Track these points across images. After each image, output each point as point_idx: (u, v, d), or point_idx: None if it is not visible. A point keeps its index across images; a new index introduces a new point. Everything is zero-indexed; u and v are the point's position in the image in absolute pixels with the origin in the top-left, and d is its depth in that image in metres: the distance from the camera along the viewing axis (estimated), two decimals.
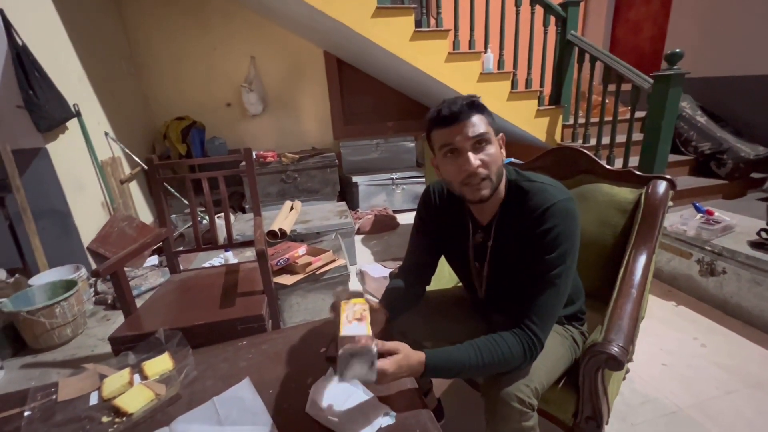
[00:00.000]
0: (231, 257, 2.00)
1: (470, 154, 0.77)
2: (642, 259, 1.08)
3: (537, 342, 0.76)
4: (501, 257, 0.88)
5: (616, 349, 0.84)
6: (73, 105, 2.23)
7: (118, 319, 2.08)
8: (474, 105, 0.79)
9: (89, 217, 2.32)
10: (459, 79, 2.64)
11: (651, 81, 2.19)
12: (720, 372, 1.41)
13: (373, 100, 3.95)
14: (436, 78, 2.60)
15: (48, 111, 1.99)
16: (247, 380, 0.82)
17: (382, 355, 0.69)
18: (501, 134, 0.83)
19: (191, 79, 3.48)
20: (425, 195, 1.01)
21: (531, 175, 0.86)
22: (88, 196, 2.37)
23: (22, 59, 1.90)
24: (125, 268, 2.35)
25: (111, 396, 0.79)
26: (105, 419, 0.75)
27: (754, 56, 2.87)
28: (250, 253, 2.12)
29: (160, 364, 0.88)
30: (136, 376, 0.85)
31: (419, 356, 0.72)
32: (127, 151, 2.76)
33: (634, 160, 2.35)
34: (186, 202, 2.47)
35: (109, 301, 2.17)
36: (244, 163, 1.57)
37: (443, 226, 0.98)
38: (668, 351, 1.52)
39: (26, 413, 0.77)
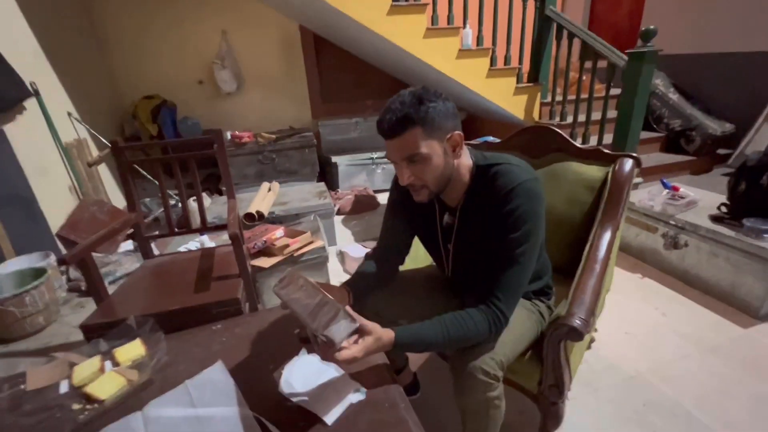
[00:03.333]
0: (207, 241, 1.97)
1: (403, 169, 0.80)
2: (606, 236, 1.11)
3: (502, 318, 0.79)
4: (466, 239, 0.90)
5: (578, 322, 0.88)
6: (30, 83, 2.10)
7: (92, 306, 2.04)
8: (409, 119, 0.74)
9: (56, 202, 2.23)
10: (438, 56, 2.60)
11: (626, 58, 2.21)
12: (677, 338, 1.50)
13: (351, 78, 3.86)
14: (414, 55, 2.55)
15: (1, 91, 1.87)
16: (220, 363, 0.82)
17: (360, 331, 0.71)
18: (455, 133, 0.80)
19: (159, 55, 3.31)
20: (396, 177, 1.01)
21: (497, 157, 0.87)
22: (54, 180, 2.27)
23: None
24: (98, 254, 2.30)
25: (81, 383, 0.79)
26: (76, 406, 0.75)
27: (727, 34, 2.92)
28: (226, 237, 2.09)
29: (132, 350, 0.88)
30: (108, 363, 0.85)
31: (389, 334, 0.74)
32: (94, 132, 2.63)
33: (609, 137, 2.40)
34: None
35: (83, 288, 2.12)
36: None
37: (414, 209, 0.99)
38: (631, 320, 1.61)
39: None
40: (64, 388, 0.80)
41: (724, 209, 1.72)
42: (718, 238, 1.63)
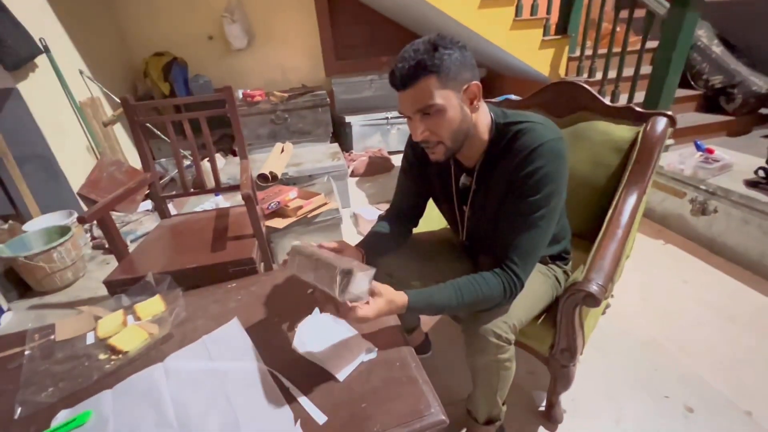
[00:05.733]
0: (222, 201, 1.99)
1: (417, 123, 0.74)
2: (631, 200, 1.06)
3: (517, 282, 0.77)
4: (484, 201, 0.86)
5: (595, 288, 0.86)
6: (39, 39, 2.07)
7: (116, 263, 2.13)
8: (423, 66, 0.68)
9: (75, 161, 2.27)
10: (457, 4, 2.42)
11: (667, 5, 2.01)
12: (696, 306, 1.47)
13: (366, 32, 3.67)
14: (432, 4, 2.38)
15: (12, 47, 1.84)
16: (236, 320, 0.84)
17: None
18: (473, 83, 0.73)
19: (168, 8, 3.19)
20: (411, 137, 0.97)
21: (519, 115, 0.81)
22: (71, 139, 2.29)
23: None
24: (119, 213, 2.36)
25: (106, 336, 0.83)
26: (102, 356, 0.79)
27: None
28: (240, 197, 2.11)
29: (152, 306, 0.91)
30: (130, 317, 0.88)
31: (402, 297, 0.74)
32: (106, 90, 2.61)
33: (640, 96, 2.24)
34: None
35: (106, 246, 2.20)
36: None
37: (429, 170, 0.95)
38: (650, 287, 1.58)
39: (27, 352, 0.81)
40: (90, 339, 0.84)
41: (761, 173, 1.61)
42: (752, 204, 1.54)
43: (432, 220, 1.29)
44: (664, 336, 1.35)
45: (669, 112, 1.12)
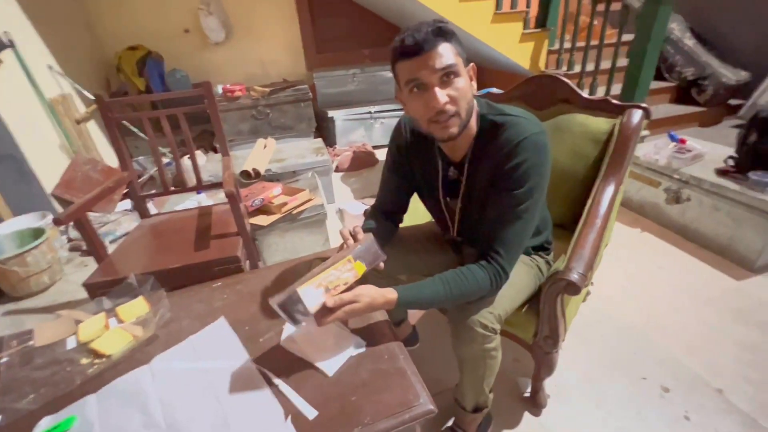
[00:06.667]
0: (204, 199, 1.95)
1: (437, 90, 0.72)
2: (609, 190, 1.09)
3: (503, 273, 0.79)
4: (473, 194, 0.87)
5: (576, 276, 0.88)
6: (3, 33, 1.97)
7: (95, 264, 2.07)
8: (441, 32, 0.71)
9: (47, 161, 2.18)
10: None
11: None
12: (672, 291, 1.53)
13: (347, 24, 3.63)
14: None
15: None
16: (222, 319, 0.84)
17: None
18: (471, 64, 0.78)
19: (141, 0, 3.08)
20: (396, 130, 0.97)
21: (504, 108, 0.82)
22: (42, 138, 2.20)
23: None
24: (96, 214, 2.29)
25: (88, 340, 0.81)
26: (84, 361, 0.77)
27: None
28: (223, 195, 2.07)
29: (135, 307, 0.89)
30: (112, 320, 0.86)
31: (390, 294, 0.74)
32: (78, 86, 2.51)
33: (617, 88, 2.30)
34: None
35: (84, 248, 2.14)
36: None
37: (415, 163, 0.96)
38: (628, 274, 1.63)
39: (4, 359, 0.79)
40: (71, 344, 0.82)
41: (731, 162, 1.68)
42: (721, 192, 1.61)
43: (417, 213, 1.30)
44: (642, 320, 1.40)
45: (644, 105, 1.15)
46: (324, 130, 3.33)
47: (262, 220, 1.66)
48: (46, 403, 0.69)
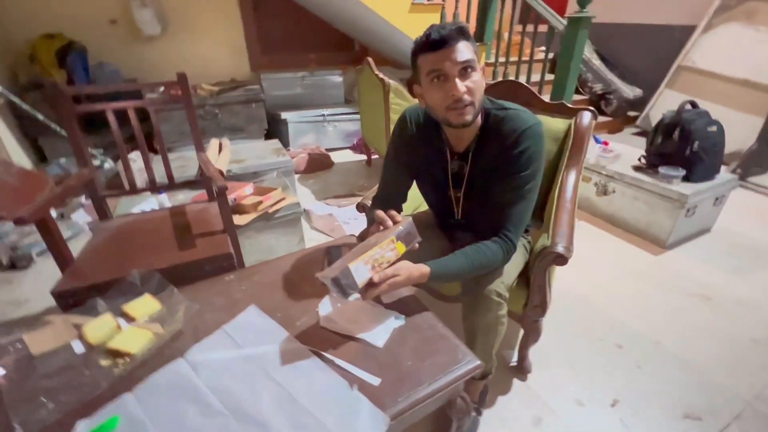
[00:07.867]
0: (166, 201, 1.79)
1: (457, 80, 0.81)
2: (572, 178, 1.28)
3: (512, 246, 0.90)
4: (477, 182, 0.97)
5: (562, 249, 1.04)
6: None
7: (22, 280, 1.79)
8: (462, 31, 0.81)
9: None
10: (387, 7, 2.56)
11: (565, 22, 2.41)
12: (609, 267, 1.81)
13: (293, 26, 3.59)
14: (365, 4, 2.48)
15: None
16: (254, 306, 0.82)
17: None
18: (483, 64, 0.88)
19: None
20: (401, 122, 1.04)
21: (504, 103, 0.94)
22: None
23: None
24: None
25: (101, 341, 0.73)
26: (104, 362, 0.70)
27: (642, 6, 3.30)
28: (182, 197, 1.93)
29: (144, 305, 0.83)
30: (121, 320, 0.79)
31: (424, 268, 0.81)
32: None
33: (545, 99, 2.64)
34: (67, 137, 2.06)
35: (4, 263, 1.83)
36: (153, 94, 1.37)
37: (419, 154, 1.03)
38: (575, 256, 1.88)
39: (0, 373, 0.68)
40: (78, 348, 0.73)
41: (643, 160, 2.05)
42: (639, 184, 1.96)
43: (415, 199, 1.37)
44: (592, 292, 1.65)
45: (592, 108, 1.37)
46: (276, 133, 3.25)
47: (238, 219, 1.59)
48: (72, 409, 0.62)
